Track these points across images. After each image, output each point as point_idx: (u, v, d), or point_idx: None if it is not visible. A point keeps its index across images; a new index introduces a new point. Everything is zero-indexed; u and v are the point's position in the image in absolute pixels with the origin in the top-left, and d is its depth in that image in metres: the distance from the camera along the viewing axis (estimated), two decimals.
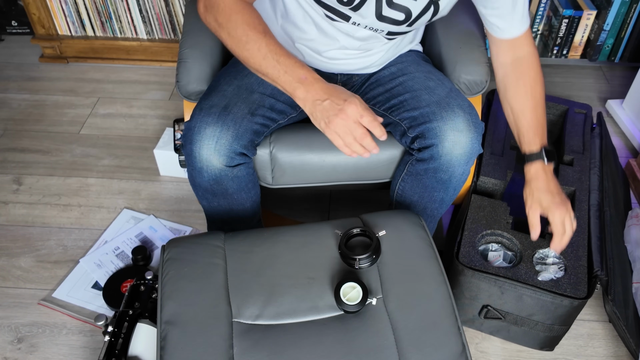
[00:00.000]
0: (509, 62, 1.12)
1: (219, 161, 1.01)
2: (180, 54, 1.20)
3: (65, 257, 1.45)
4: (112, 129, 1.85)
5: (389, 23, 1.04)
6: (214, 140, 1.00)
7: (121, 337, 1.10)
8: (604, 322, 1.32)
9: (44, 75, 2.07)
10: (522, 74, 1.12)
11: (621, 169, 1.60)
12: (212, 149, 1.00)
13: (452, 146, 1.03)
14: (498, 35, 1.09)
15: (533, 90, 1.12)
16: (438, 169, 1.07)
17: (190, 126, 1.02)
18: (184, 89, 1.19)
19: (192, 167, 1.04)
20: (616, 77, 2.11)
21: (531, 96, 1.12)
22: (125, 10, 2.00)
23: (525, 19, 1.08)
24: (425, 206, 1.15)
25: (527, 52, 1.11)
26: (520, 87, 1.12)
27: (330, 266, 0.96)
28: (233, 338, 0.87)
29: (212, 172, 1.03)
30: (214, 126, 1.00)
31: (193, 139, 1.01)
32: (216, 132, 1.00)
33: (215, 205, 1.11)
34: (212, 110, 1.02)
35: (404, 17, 1.02)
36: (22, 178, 1.67)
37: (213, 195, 1.09)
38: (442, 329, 0.89)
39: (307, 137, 1.18)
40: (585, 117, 1.53)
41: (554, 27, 2.01)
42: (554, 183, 1.13)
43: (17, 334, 1.28)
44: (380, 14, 1.01)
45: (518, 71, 1.12)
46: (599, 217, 1.28)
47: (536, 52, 1.13)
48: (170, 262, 0.97)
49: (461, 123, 1.04)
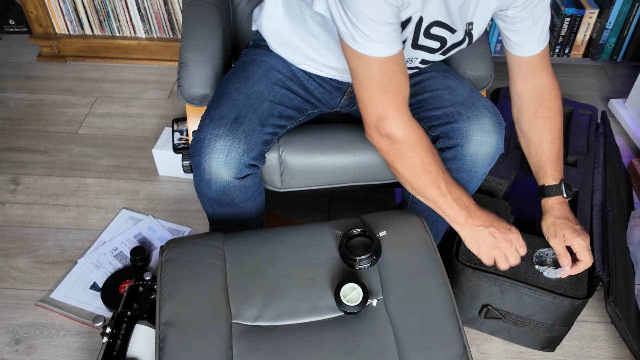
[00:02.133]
0: (527, 93, 1.11)
1: (228, 174, 1.00)
2: (182, 58, 1.18)
3: (63, 257, 1.44)
4: (111, 128, 1.84)
5: (424, 51, 1.03)
6: (224, 154, 0.98)
7: (119, 339, 1.10)
8: (606, 323, 1.32)
9: (42, 75, 2.06)
10: (540, 106, 1.10)
11: (624, 169, 1.59)
12: (222, 162, 0.99)
13: (478, 147, 1.04)
14: (515, 52, 1.07)
15: (551, 122, 1.09)
16: (461, 169, 1.07)
17: (200, 138, 1.01)
18: (187, 93, 1.16)
19: (200, 178, 1.03)
20: (618, 76, 2.11)
21: (550, 129, 1.09)
22: (124, 9, 1.99)
23: (544, 37, 1.06)
24: None
25: (546, 84, 1.10)
26: (539, 118, 1.10)
27: (330, 267, 0.96)
28: (232, 339, 0.86)
29: (221, 184, 1.02)
30: (225, 139, 0.98)
31: (203, 151, 0.99)
32: (227, 146, 0.98)
33: (220, 213, 1.10)
34: (222, 122, 1.00)
35: (438, 45, 1.02)
36: (19, 178, 1.66)
37: (219, 204, 1.07)
38: (443, 331, 0.88)
39: (317, 139, 1.17)
40: (591, 119, 1.53)
41: (556, 25, 2.01)
42: (572, 214, 1.11)
43: (14, 335, 1.27)
44: (416, 43, 1.01)
45: (537, 102, 1.10)
46: (601, 218, 1.27)
47: (557, 83, 1.11)
48: (169, 263, 0.96)
49: (488, 124, 1.04)
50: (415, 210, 1.19)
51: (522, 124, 1.12)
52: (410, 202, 1.20)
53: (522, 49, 1.07)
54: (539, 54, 1.07)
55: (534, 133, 1.10)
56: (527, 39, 1.05)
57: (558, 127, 1.11)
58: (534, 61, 1.08)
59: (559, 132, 1.11)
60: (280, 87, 1.10)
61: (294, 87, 1.12)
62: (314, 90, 1.16)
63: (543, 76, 1.10)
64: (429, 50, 1.03)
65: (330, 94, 1.18)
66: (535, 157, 1.11)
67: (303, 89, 1.14)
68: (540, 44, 1.06)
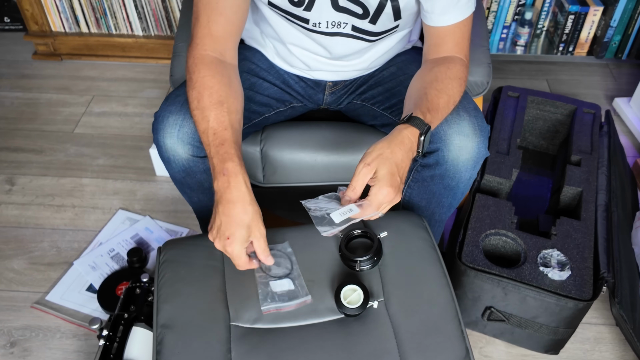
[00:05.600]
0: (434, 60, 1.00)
1: (184, 150, 1.00)
2: (175, 48, 1.19)
3: (59, 259, 1.43)
4: (107, 127, 1.83)
5: (348, 14, 1.00)
6: (176, 129, 0.98)
7: (116, 341, 1.10)
8: (611, 325, 1.31)
9: (37, 73, 2.05)
10: (441, 66, 0.98)
11: (629, 169, 1.58)
12: (175, 137, 0.98)
13: (458, 151, 0.99)
14: (428, 21, 0.98)
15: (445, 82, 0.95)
16: (444, 176, 1.03)
17: (155, 115, 1.02)
18: (178, 83, 1.17)
19: (162, 158, 1.03)
20: (623, 74, 2.09)
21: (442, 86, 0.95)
22: (121, 6, 1.99)
23: (464, 3, 0.94)
24: (433, 211, 1.13)
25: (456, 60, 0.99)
26: (433, 72, 0.97)
27: (331, 268, 0.95)
28: (231, 342, 0.86)
29: (180, 162, 1.01)
30: (177, 114, 0.99)
31: (157, 127, 1.00)
32: (178, 120, 0.98)
33: (197, 201, 1.11)
34: (177, 100, 1.01)
35: (361, 10, 0.99)
36: (14, 178, 1.65)
37: (190, 190, 1.08)
38: (445, 333, 0.88)
39: (299, 136, 1.17)
40: (594, 117, 1.52)
41: (560, 23, 2.00)
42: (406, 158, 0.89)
43: (9, 337, 1.26)
44: (337, 4, 0.98)
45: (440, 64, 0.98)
46: (606, 218, 1.27)
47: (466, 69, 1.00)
48: (167, 264, 0.96)
49: (467, 127, 0.99)
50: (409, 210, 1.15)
51: (416, 74, 1.00)
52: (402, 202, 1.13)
53: (435, 17, 0.96)
54: (457, 25, 0.97)
55: (422, 79, 0.98)
56: (443, 3, 0.94)
57: (449, 89, 0.95)
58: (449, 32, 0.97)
59: (448, 94, 0.95)
60: (251, 75, 1.11)
61: (269, 77, 1.13)
62: (294, 85, 1.17)
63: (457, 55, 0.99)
64: (355, 15, 0.99)
65: (312, 89, 1.18)
66: (415, 96, 0.96)
67: (281, 81, 1.15)
68: (458, 11, 0.95)
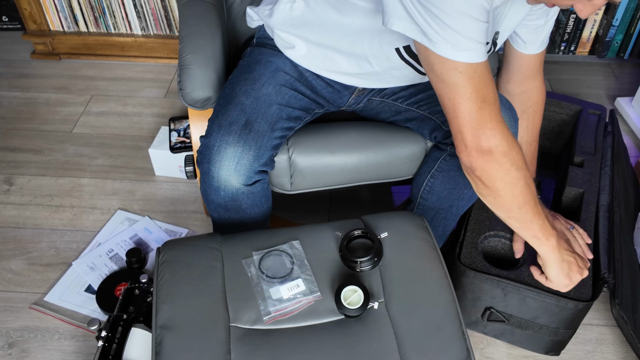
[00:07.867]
0: (517, 93, 1.16)
1: (238, 181, 0.99)
2: (182, 60, 1.14)
3: (57, 259, 1.43)
4: (106, 127, 1.82)
5: None
6: (234, 161, 0.97)
7: (115, 342, 1.09)
8: (613, 326, 1.31)
9: (36, 72, 2.04)
10: (528, 108, 1.16)
11: (631, 169, 1.58)
12: (232, 170, 0.97)
13: None
14: (520, 48, 1.10)
15: (534, 125, 1.16)
16: None
17: (208, 144, 0.98)
18: (189, 96, 1.12)
19: (208, 184, 1.01)
20: (625, 74, 2.09)
21: (531, 131, 1.16)
22: (119, 5, 1.98)
23: (546, 40, 1.10)
24: (452, 204, 1.14)
25: (537, 88, 1.15)
26: (523, 119, 1.16)
27: (331, 269, 0.95)
28: (230, 343, 0.85)
29: (229, 191, 1.00)
30: (235, 146, 0.97)
31: (212, 159, 0.98)
32: (237, 153, 0.97)
33: (226, 218, 1.09)
34: (232, 128, 0.98)
35: None
36: (13, 178, 1.64)
37: (225, 210, 1.06)
38: (446, 334, 0.88)
39: (327, 140, 1.15)
40: (599, 119, 1.52)
41: (562, 22, 1.99)
42: (546, 211, 1.09)
43: (7, 338, 1.26)
44: None
45: (525, 104, 1.16)
46: (608, 219, 1.26)
47: (544, 88, 1.17)
48: (166, 265, 0.95)
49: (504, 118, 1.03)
50: (424, 207, 1.17)
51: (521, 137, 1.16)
52: (419, 199, 1.18)
53: (527, 47, 1.10)
54: (539, 55, 1.11)
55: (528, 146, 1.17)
56: (534, 37, 1.08)
57: (537, 130, 1.19)
58: (533, 62, 1.12)
59: (537, 134, 1.19)
60: (288, 88, 1.08)
61: (301, 87, 1.10)
62: (321, 90, 1.14)
63: (537, 80, 1.15)
64: None
65: (338, 92, 1.16)
66: None
67: (310, 90, 1.12)
68: (543, 44, 1.10)
